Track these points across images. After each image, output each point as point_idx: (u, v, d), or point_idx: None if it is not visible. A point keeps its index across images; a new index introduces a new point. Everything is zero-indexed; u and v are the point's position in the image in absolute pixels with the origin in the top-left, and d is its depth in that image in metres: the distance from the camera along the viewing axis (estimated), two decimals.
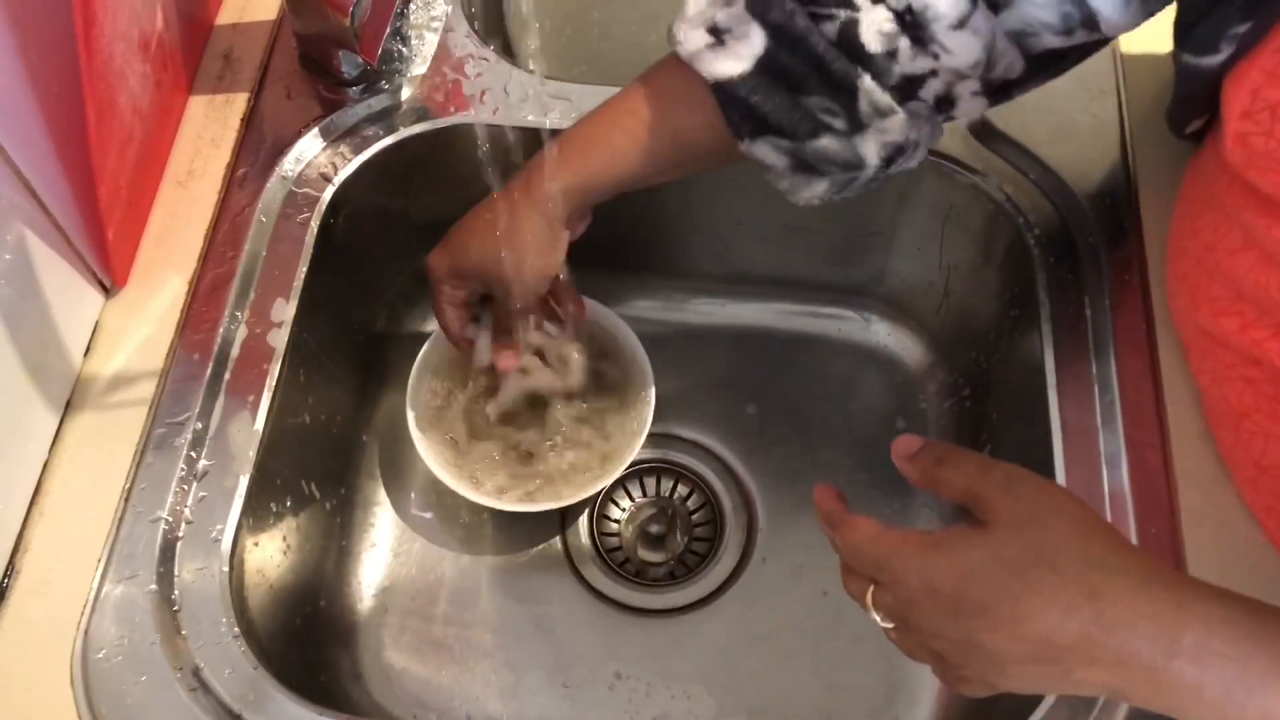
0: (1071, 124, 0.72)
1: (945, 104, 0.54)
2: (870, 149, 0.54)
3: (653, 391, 0.74)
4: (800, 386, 0.85)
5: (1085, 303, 0.66)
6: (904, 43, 0.51)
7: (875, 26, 0.51)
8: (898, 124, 0.53)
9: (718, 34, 0.54)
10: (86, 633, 0.56)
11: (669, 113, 0.57)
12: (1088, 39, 0.51)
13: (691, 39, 0.54)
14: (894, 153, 0.55)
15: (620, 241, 0.81)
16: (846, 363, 0.86)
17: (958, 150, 0.71)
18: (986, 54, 0.51)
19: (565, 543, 0.78)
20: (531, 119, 0.73)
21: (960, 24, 0.50)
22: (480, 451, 0.75)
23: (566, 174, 0.59)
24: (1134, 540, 0.59)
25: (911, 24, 0.51)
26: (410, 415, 0.73)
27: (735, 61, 0.53)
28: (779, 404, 0.84)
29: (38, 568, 0.58)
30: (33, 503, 0.59)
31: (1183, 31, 0.52)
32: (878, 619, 0.46)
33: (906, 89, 0.53)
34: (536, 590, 0.77)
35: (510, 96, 0.73)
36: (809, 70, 0.52)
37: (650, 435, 0.73)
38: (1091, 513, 0.42)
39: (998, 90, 0.54)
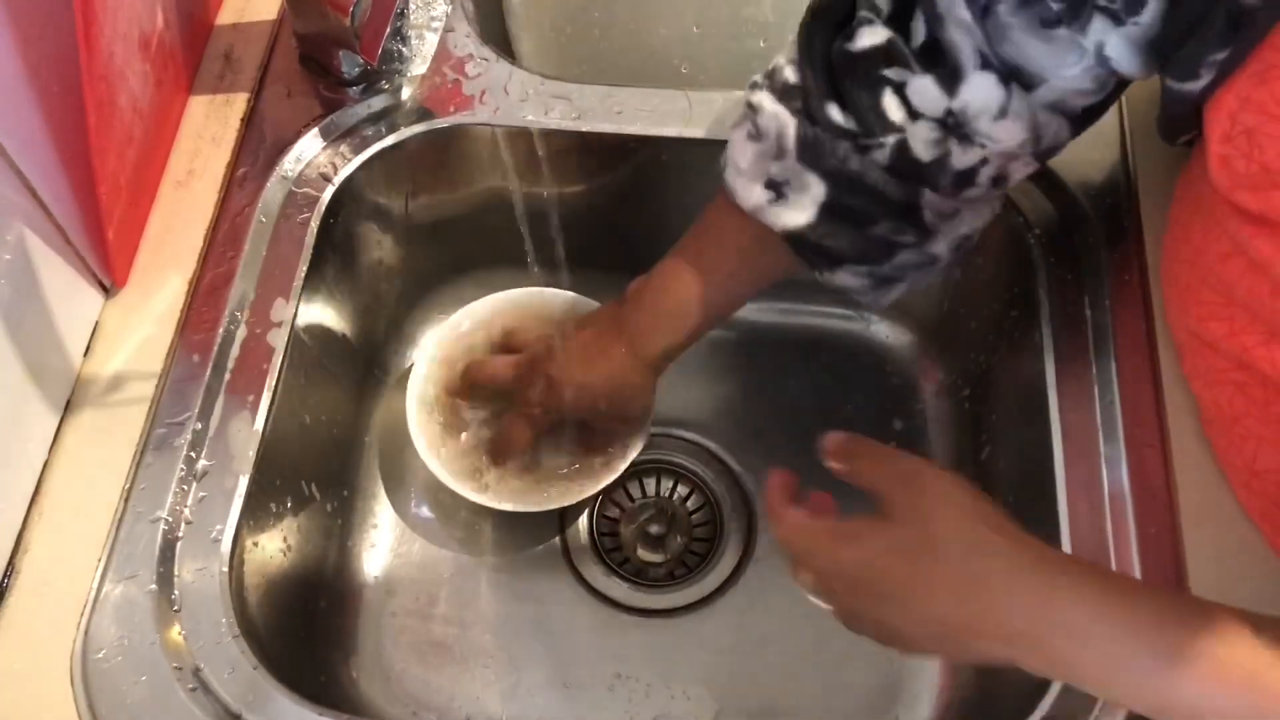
0: None
1: (1000, 182, 0.55)
2: (942, 247, 0.57)
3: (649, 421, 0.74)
4: (800, 386, 0.85)
5: (1085, 303, 0.66)
6: (953, 144, 0.52)
7: (922, 139, 0.52)
8: (964, 219, 0.56)
9: (776, 188, 0.55)
10: (86, 633, 0.56)
11: (749, 261, 0.60)
12: (1117, 85, 0.53)
13: (751, 195, 0.56)
14: (963, 242, 0.57)
15: (620, 241, 0.81)
16: (846, 363, 0.86)
17: None
18: (1031, 131, 0.52)
19: (565, 543, 0.78)
20: (531, 119, 0.73)
21: (1002, 113, 0.51)
22: (479, 452, 0.75)
23: (669, 337, 0.64)
24: (1133, 540, 0.59)
25: (954, 125, 0.52)
26: (410, 415, 0.73)
27: (799, 213, 0.55)
28: (779, 404, 0.84)
29: (38, 568, 0.58)
30: (33, 503, 0.59)
31: (1165, 57, 0.53)
32: (814, 600, 0.50)
33: (962, 181, 0.54)
34: (536, 590, 0.77)
35: (510, 96, 0.73)
36: (872, 205, 0.54)
37: (650, 435, 0.73)
38: (980, 503, 0.46)
39: (1046, 154, 0.55)
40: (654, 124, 0.72)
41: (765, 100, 0.55)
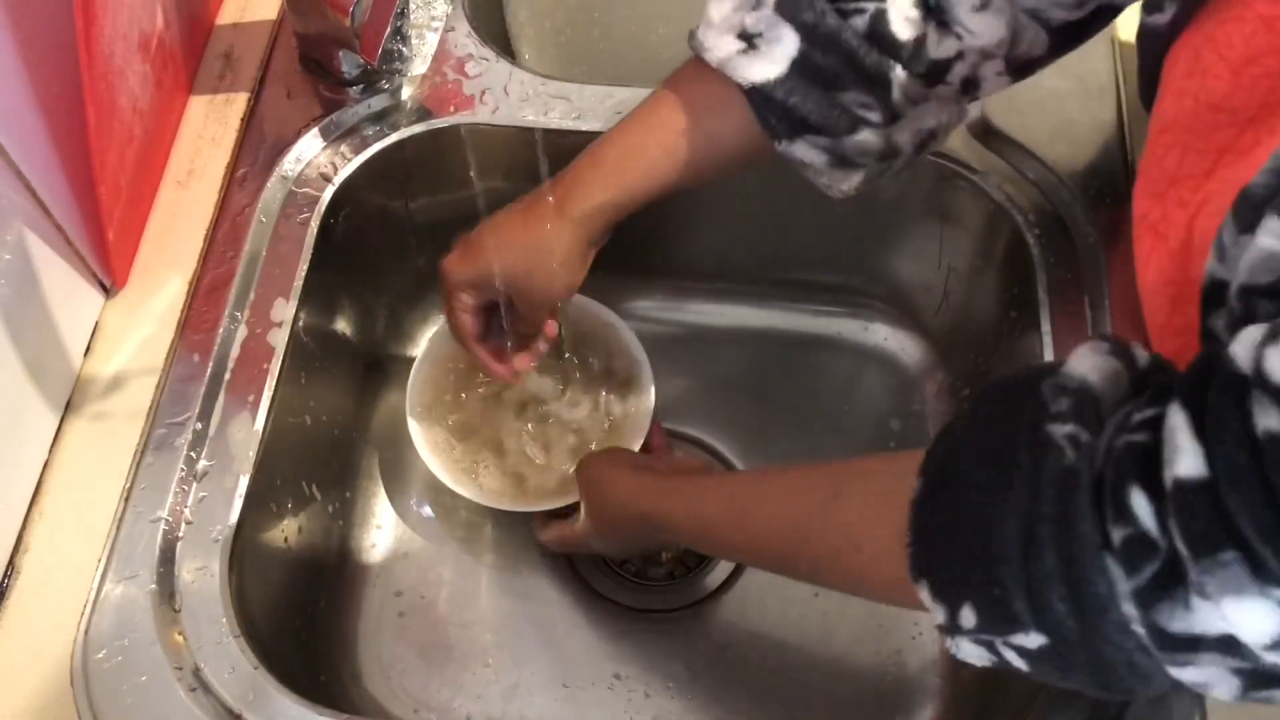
0: (1071, 124, 0.72)
1: (971, 85, 0.54)
2: (905, 137, 0.55)
3: (652, 391, 0.74)
4: (800, 386, 0.85)
5: (1085, 303, 0.66)
6: (931, 28, 0.52)
7: (903, 15, 0.52)
8: (929, 111, 0.54)
9: (748, 38, 0.54)
10: (86, 633, 0.56)
11: (702, 121, 0.57)
12: (1101, 3, 0.52)
13: (720, 45, 0.55)
14: (926, 138, 0.56)
15: (620, 242, 0.81)
16: (846, 363, 0.86)
17: (958, 150, 0.71)
18: (1010, 32, 0.52)
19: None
20: (531, 119, 0.73)
21: (983, 5, 0.51)
22: (480, 451, 0.75)
23: (603, 190, 0.59)
24: None
25: (936, 9, 0.51)
26: (410, 414, 0.73)
27: (769, 65, 0.53)
28: (779, 404, 0.84)
29: (38, 568, 0.58)
30: (33, 503, 0.59)
31: None
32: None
33: (934, 74, 0.53)
34: (536, 590, 0.77)
35: (510, 96, 0.73)
36: (843, 67, 0.53)
37: (653, 420, 0.74)
38: (611, 469, 0.65)
39: (1021, 68, 0.55)
40: None
41: None
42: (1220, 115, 0.42)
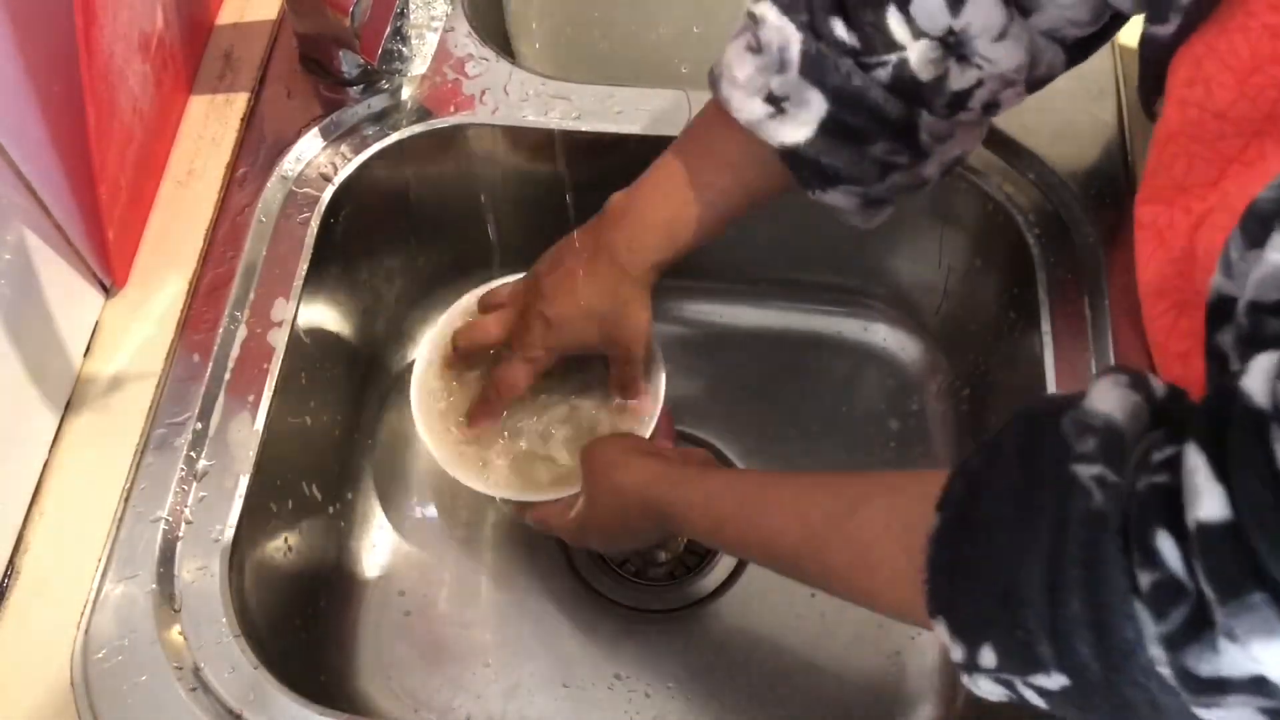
0: (1071, 124, 0.72)
1: (991, 108, 0.55)
2: (932, 170, 0.57)
3: (664, 378, 0.71)
4: (800, 386, 0.85)
5: (1085, 303, 0.66)
6: (951, 64, 0.52)
7: (924, 58, 0.52)
8: (953, 145, 0.56)
9: (776, 103, 0.55)
10: (86, 633, 0.56)
11: (743, 178, 0.60)
12: (1112, 13, 0.53)
13: (748, 107, 0.55)
14: (952, 164, 0.58)
15: None
16: (846, 363, 0.86)
17: None
18: (1029, 56, 0.53)
19: (565, 542, 0.78)
20: (531, 119, 0.73)
21: (1001, 35, 0.51)
22: (485, 441, 0.73)
23: (658, 252, 0.62)
24: None
25: (955, 45, 0.52)
26: (414, 403, 0.71)
27: (798, 128, 0.54)
28: (779, 404, 0.84)
29: (38, 568, 0.58)
30: (33, 503, 0.59)
31: None
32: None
33: (956, 104, 0.54)
34: (536, 590, 0.77)
35: (510, 96, 0.73)
36: (871, 123, 0.54)
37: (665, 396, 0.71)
38: (620, 456, 0.63)
39: (1037, 84, 0.55)
40: (654, 124, 0.72)
41: (769, 12, 0.54)
42: (1226, 124, 0.42)
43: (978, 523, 0.40)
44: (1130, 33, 0.75)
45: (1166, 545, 0.34)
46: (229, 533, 0.59)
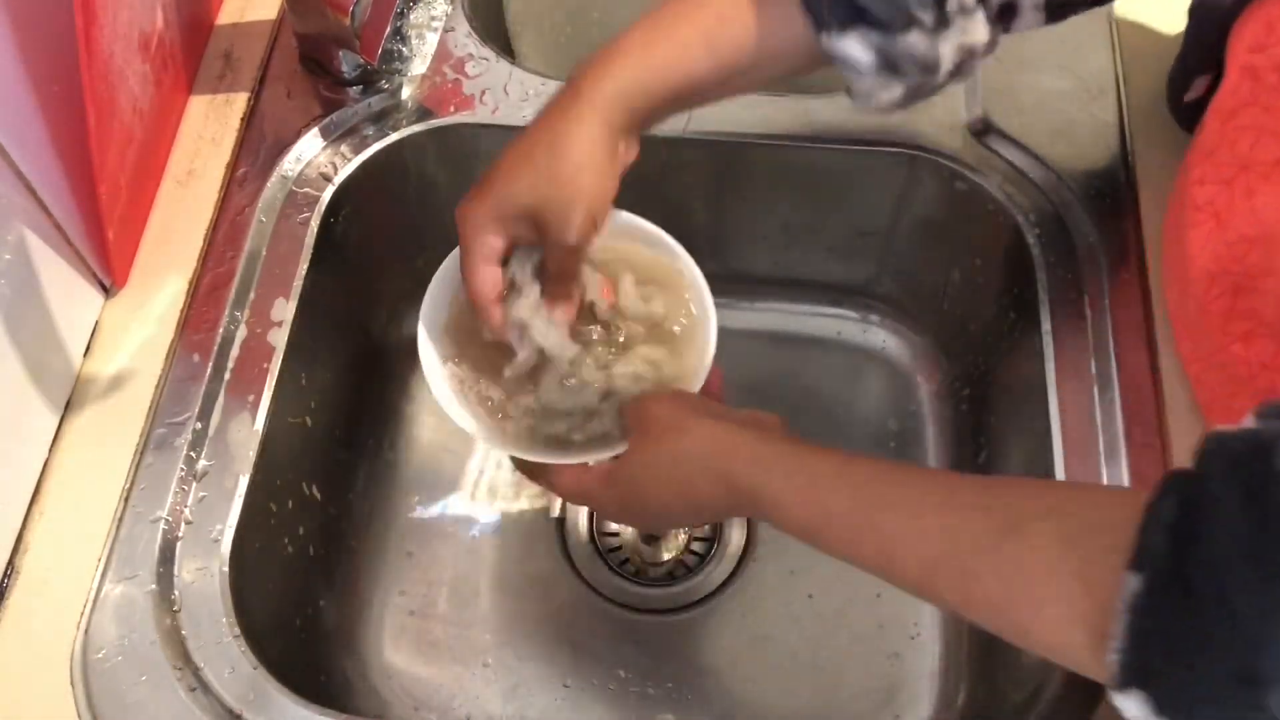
0: (1071, 124, 0.71)
1: (1008, 13, 0.52)
2: (948, 50, 0.52)
3: (714, 321, 0.60)
4: (800, 387, 0.85)
5: (1085, 303, 0.66)
6: None
7: None
8: (976, 25, 0.51)
9: None
10: (86, 633, 0.56)
11: (743, 8, 0.51)
12: None
13: None
14: (965, 57, 0.53)
15: None
16: (846, 363, 0.86)
17: (958, 150, 0.71)
18: None
19: (565, 542, 0.78)
20: (531, 119, 0.72)
21: None
22: (503, 392, 0.60)
23: (625, 69, 0.51)
24: None
25: None
26: (422, 341, 0.60)
27: None
28: (779, 404, 0.83)
29: (38, 568, 0.58)
30: (33, 503, 0.59)
31: None
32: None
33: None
34: (536, 590, 0.76)
35: (510, 96, 0.73)
36: None
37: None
38: (683, 418, 0.53)
39: (1055, 10, 0.52)
40: None
41: None
42: None
43: (1200, 588, 0.34)
44: (1130, 31, 0.75)
45: None
46: (229, 533, 0.59)
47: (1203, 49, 0.51)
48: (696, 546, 0.79)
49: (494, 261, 0.54)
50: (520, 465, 0.60)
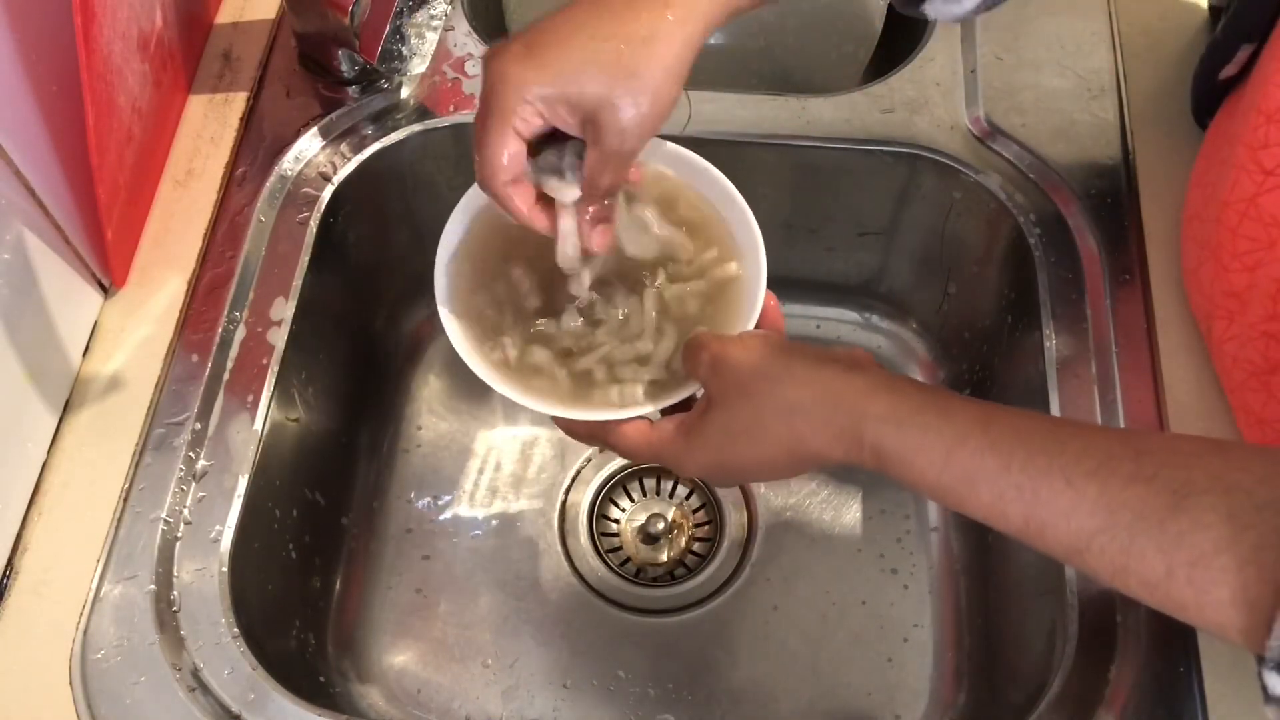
0: (1071, 124, 0.71)
1: None
2: None
3: (761, 246, 0.54)
4: None
5: (1086, 303, 0.66)
6: None
7: None
8: None
9: None
10: (86, 633, 0.56)
11: None
12: None
13: None
14: None
15: None
16: None
17: (958, 150, 0.71)
18: None
19: (565, 543, 0.78)
20: None
21: None
22: (531, 342, 0.55)
23: None
24: None
25: None
26: (439, 279, 0.56)
27: None
28: None
29: (37, 568, 0.58)
30: (32, 503, 0.59)
31: None
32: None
33: None
34: (536, 590, 0.76)
35: None
36: None
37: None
38: (778, 362, 0.47)
39: None
40: None
41: None
42: None
43: None
44: (1131, 32, 0.75)
45: None
46: (228, 533, 0.59)
47: (1251, 18, 0.50)
48: (696, 547, 0.79)
49: (522, 141, 0.48)
50: (567, 425, 0.53)
